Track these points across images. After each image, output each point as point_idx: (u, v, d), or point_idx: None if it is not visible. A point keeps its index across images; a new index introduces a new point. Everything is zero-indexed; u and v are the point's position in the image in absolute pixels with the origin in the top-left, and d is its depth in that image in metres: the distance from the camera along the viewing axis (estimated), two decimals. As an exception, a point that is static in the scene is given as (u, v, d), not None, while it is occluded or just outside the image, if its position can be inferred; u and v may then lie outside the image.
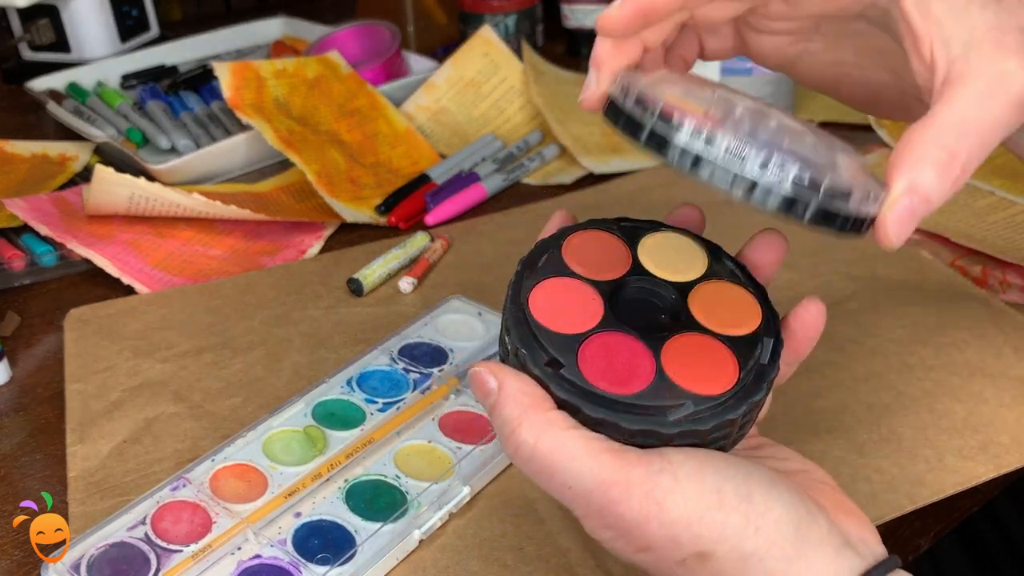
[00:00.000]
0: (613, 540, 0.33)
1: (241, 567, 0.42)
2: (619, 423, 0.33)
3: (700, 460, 0.33)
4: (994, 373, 0.52)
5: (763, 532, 0.32)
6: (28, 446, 0.52)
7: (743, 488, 0.32)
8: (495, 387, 0.34)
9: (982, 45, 0.32)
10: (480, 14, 1.00)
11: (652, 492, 0.32)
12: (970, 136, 0.31)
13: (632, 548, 0.33)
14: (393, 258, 0.64)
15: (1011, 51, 0.32)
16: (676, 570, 0.33)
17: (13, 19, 1.01)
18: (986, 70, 0.32)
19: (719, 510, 0.32)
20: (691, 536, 0.32)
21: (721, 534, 0.32)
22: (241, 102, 0.77)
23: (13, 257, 0.66)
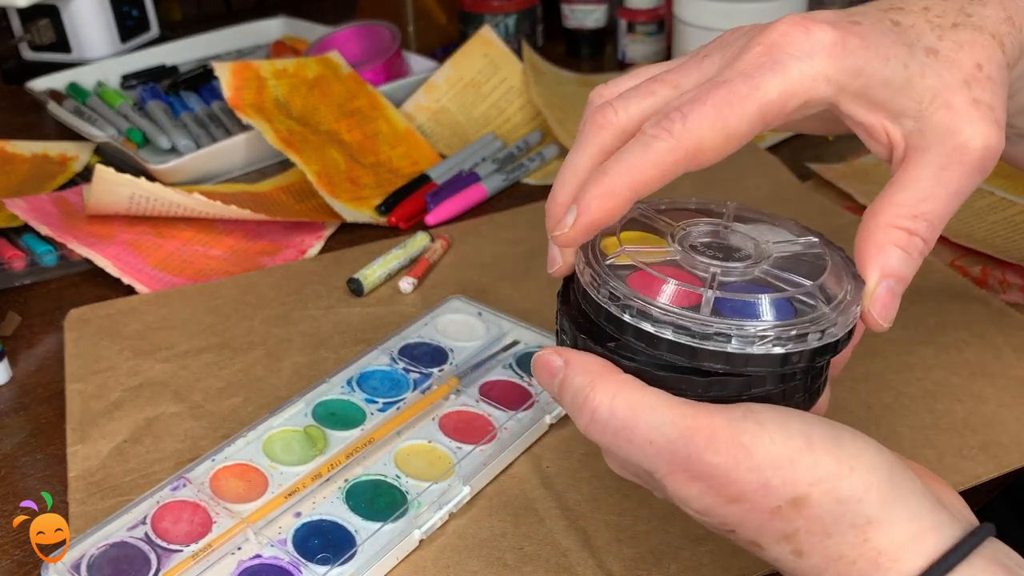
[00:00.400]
0: (700, 496, 0.31)
1: (241, 567, 0.42)
2: (693, 379, 0.32)
3: (782, 411, 0.31)
4: (994, 373, 0.53)
5: (857, 473, 0.30)
6: (28, 446, 0.52)
7: (830, 433, 0.31)
8: (561, 364, 0.33)
9: (934, 115, 0.33)
10: (480, 14, 1.00)
11: (738, 437, 0.30)
12: (929, 212, 0.33)
13: (722, 500, 0.31)
14: (393, 258, 0.64)
15: (962, 114, 0.32)
16: (769, 522, 0.31)
17: (13, 19, 1.01)
18: (941, 143, 0.33)
19: (809, 452, 0.30)
20: (783, 480, 0.30)
21: (814, 475, 0.30)
22: (241, 102, 0.77)
23: (13, 257, 0.66)
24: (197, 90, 0.90)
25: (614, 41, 1.02)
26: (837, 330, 0.32)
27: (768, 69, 0.32)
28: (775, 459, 0.30)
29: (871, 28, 0.33)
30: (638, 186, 0.32)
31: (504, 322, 0.56)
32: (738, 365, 0.32)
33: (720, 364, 0.32)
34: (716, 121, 0.31)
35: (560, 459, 0.48)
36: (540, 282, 0.63)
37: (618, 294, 0.33)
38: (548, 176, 0.78)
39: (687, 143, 0.31)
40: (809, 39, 0.32)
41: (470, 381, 0.52)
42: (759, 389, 0.33)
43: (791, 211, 0.69)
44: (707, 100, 0.31)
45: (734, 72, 0.32)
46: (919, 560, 0.30)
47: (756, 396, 0.33)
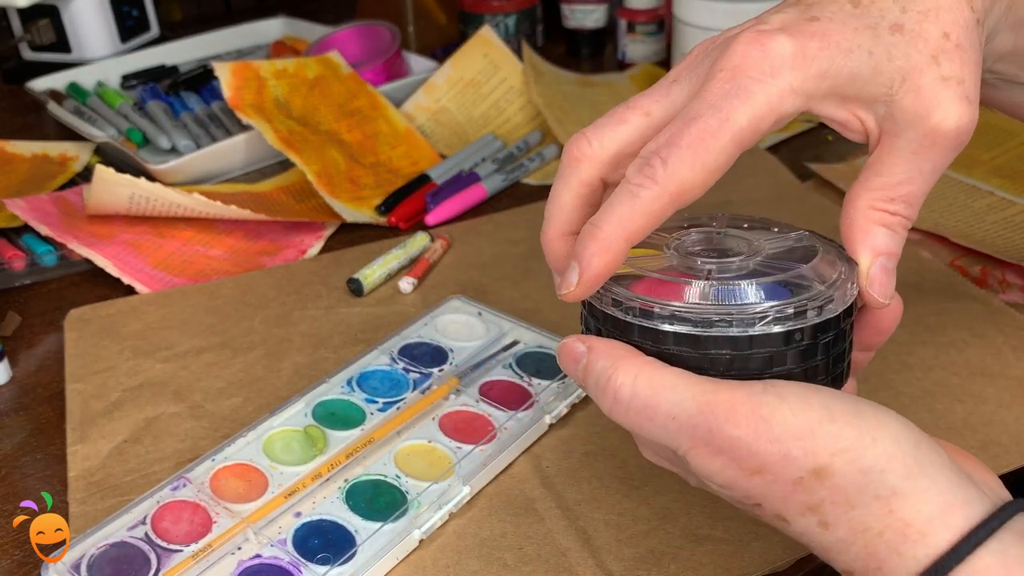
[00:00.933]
0: (723, 470, 0.31)
1: (241, 567, 0.42)
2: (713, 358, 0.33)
3: (803, 386, 0.32)
4: (993, 373, 0.53)
5: (880, 444, 0.31)
6: (28, 446, 0.52)
7: (852, 407, 0.31)
8: (584, 349, 0.34)
9: (903, 99, 0.33)
10: (480, 14, 1.00)
11: (758, 409, 0.31)
12: (906, 194, 0.34)
13: (745, 472, 0.31)
14: (393, 258, 0.64)
15: (931, 96, 0.33)
16: (793, 494, 0.31)
17: (13, 19, 1.01)
18: (912, 127, 0.33)
19: (831, 423, 0.30)
20: (804, 451, 0.30)
21: (836, 445, 0.30)
22: (241, 102, 0.77)
23: (14, 257, 0.66)
24: (197, 90, 0.90)
25: (614, 41, 1.02)
26: (835, 305, 0.33)
27: (734, 97, 0.32)
28: (796, 430, 0.30)
29: (829, 22, 0.33)
30: (632, 236, 0.33)
31: (504, 322, 0.56)
32: (742, 348, 0.33)
33: (726, 349, 0.33)
34: (695, 162, 0.32)
35: (560, 459, 0.48)
36: (540, 282, 0.63)
37: (620, 299, 0.34)
38: (548, 176, 0.78)
39: (671, 188, 0.32)
40: (767, 56, 0.32)
41: (470, 381, 0.52)
42: (780, 368, 0.33)
43: (791, 211, 0.69)
44: (682, 141, 0.32)
45: (703, 105, 0.32)
46: (948, 534, 0.30)
47: (778, 375, 0.33)
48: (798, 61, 0.32)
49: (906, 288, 0.59)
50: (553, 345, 0.54)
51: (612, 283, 0.35)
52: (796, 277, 0.34)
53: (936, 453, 0.31)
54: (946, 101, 0.33)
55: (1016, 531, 0.30)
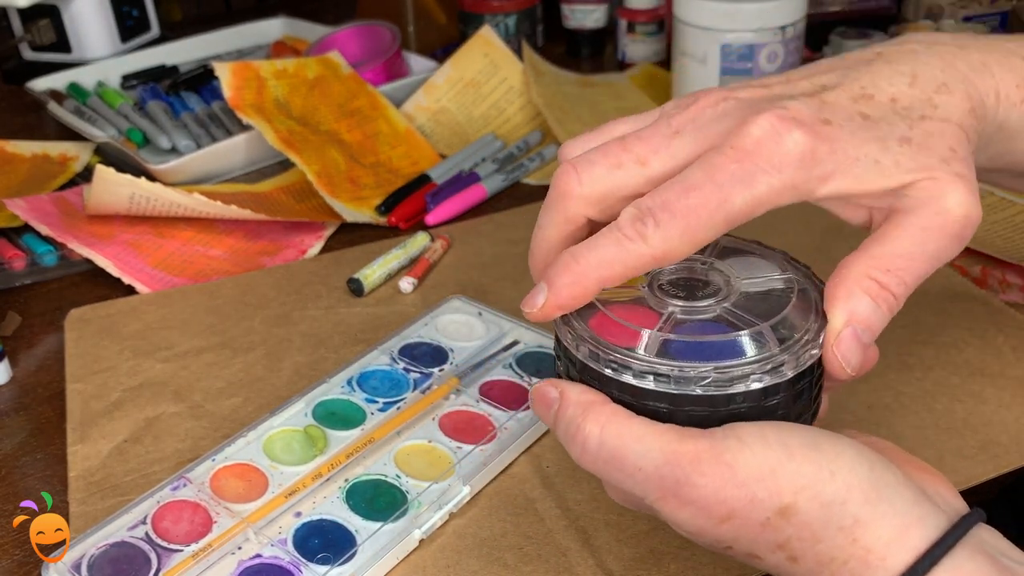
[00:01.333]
0: (692, 519, 0.32)
1: (241, 567, 0.42)
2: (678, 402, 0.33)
3: (761, 425, 0.32)
4: (993, 373, 0.53)
5: (839, 476, 0.31)
6: (29, 446, 0.52)
7: (809, 439, 0.32)
8: (556, 395, 0.35)
9: (917, 185, 0.33)
10: (480, 14, 1.00)
11: (721, 456, 0.31)
12: (903, 269, 0.34)
13: (715, 520, 0.32)
14: (393, 258, 0.64)
15: (946, 183, 0.33)
16: (762, 535, 0.32)
17: (14, 19, 1.01)
18: (923, 207, 0.33)
19: (790, 461, 0.31)
20: (768, 492, 0.31)
21: (797, 483, 0.31)
22: (241, 102, 0.77)
23: (14, 257, 0.66)
24: (197, 90, 0.90)
25: (614, 41, 1.02)
26: (787, 370, 0.33)
27: (739, 181, 0.32)
28: (758, 472, 0.31)
29: (841, 128, 0.33)
30: (606, 281, 0.34)
31: (504, 322, 0.56)
32: (681, 405, 0.33)
33: (664, 404, 0.33)
34: (685, 233, 0.32)
35: (560, 459, 0.48)
36: (540, 282, 0.63)
37: (576, 332, 0.35)
38: (548, 176, 0.78)
39: (658, 251, 0.33)
40: (779, 150, 0.32)
41: (470, 381, 0.52)
42: (739, 407, 0.33)
43: (790, 212, 0.69)
44: (678, 209, 0.32)
45: (706, 179, 0.32)
46: (906, 555, 0.31)
47: (739, 414, 0.33)
48: (806, 161, 0.32)
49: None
50: (553, 345, 0.54)
51: (575, 314, 0.35)
52: (755, 334, 0.34)
53: (891, 473, 0.32)
54: (959, 191, 0.33)
55: (971, 546, 0.31)
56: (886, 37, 0.98)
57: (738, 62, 0.78)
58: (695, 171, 0.33)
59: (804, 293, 0.36)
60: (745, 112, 0.33)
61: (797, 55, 0.80)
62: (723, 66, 0.79)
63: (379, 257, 0.64)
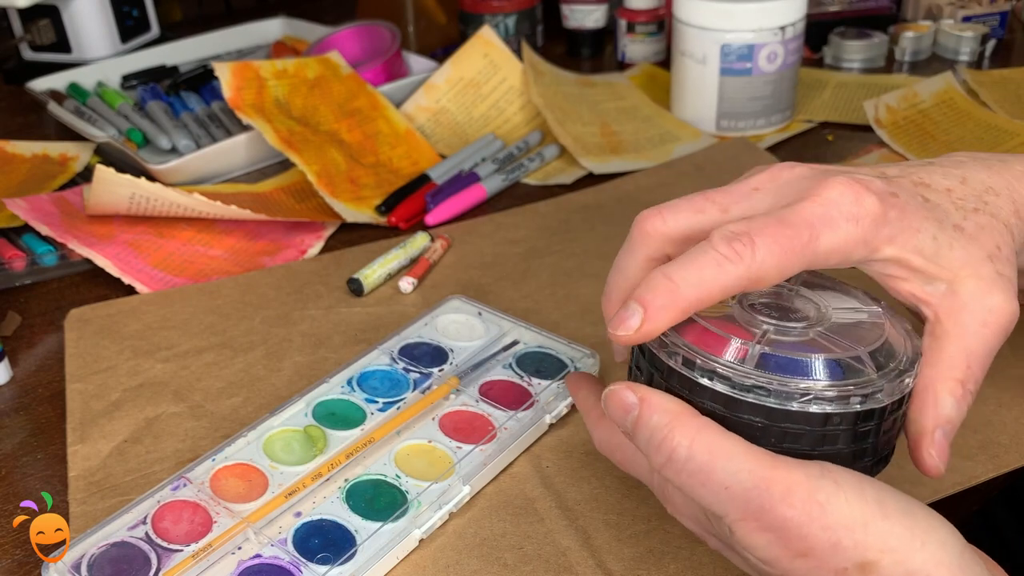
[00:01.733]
0: (768, 546, 0.32)
1: (241, 567, 0.42)
2: (769, 428, 0.33)
3: (858, 476, 0.32)
4: (993, 373, 0.52)
5: (928, 549, 0.31)
6: (29, 446, 0.52)
7: (904, 505, 0.32)
8: (635, 400, 0.34)
9: (965, 282, 0.36)
10: (480, 14, 1.00)
11: (815, 494, 0.31)
12: (974, 364, 0.37)
13: (790, 553, 0.31)
14: (393, 258, 0.64)
15: (991, 284, 0.36)
16: None
17: (14, 19, 1.01)
18: (976, 305, 0.36)
19: (884, 520, 0.31)
20: (854, 542, 0.31)
21: (886, 544, 0.31)
22: (241, 102, 0.77)
23: (14, 257, 0.66)
24: (197, 90, 0.90)
25: (614, 41, 1.02)
26: (883, 396, 0.33)
27: (825, 224, 0.34)
28: (849, 521, 0.31)
29: (907, 201, 0.36)
30: (703, 301, 0.34)
31: (504, 322, 0.57)
32: (777, 420, 0.32)
33: (759, 418, 0.33)
34: (780, 259, 0.33)
35: (560, 459, 0.48)
36: (540, 282, 0.63)
37: (667, 340, 0.34)
38: (548, 176, 0.78)
39: (754, 273, 0.33)
40: (859, 204, 0.35)
41: (470, 381, 0.52)
42: (831, 447, 0.33)
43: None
44: (773, 235, 0.34)
45: (797, 217, 0.34)
46: None
47: (828, 454, 0.33)
48: (879, 219, 0.35)
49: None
50: (553, 345, 0.54)
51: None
52: (853, 358, 0.34)
53: (976, 564, 0.32)
54: (1002, 290, 0.36)
55: None
56: (886, 37, 0.98)
57: (737, 62, 0.78)
58: (784, 210, 0.35)
59: (893, 325, 0.37)
60: (821, 176, 0.36)
61: (797, 55, 0.80)
62: (723, 66, 0.79)
63: (379, 257, 0.64)
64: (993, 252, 0.37)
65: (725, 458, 0.32)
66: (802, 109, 0.87)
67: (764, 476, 0.31)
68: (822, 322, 0.36)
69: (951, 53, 0.99)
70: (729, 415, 0.33)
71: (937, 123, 0.83)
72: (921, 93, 0.86)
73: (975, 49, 0.98)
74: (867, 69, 0.97)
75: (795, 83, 0.83)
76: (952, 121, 0.83)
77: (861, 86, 0.91)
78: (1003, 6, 1.02)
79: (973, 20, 1.01)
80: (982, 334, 0.36)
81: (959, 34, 0.98)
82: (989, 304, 0.36)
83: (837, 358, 0.33)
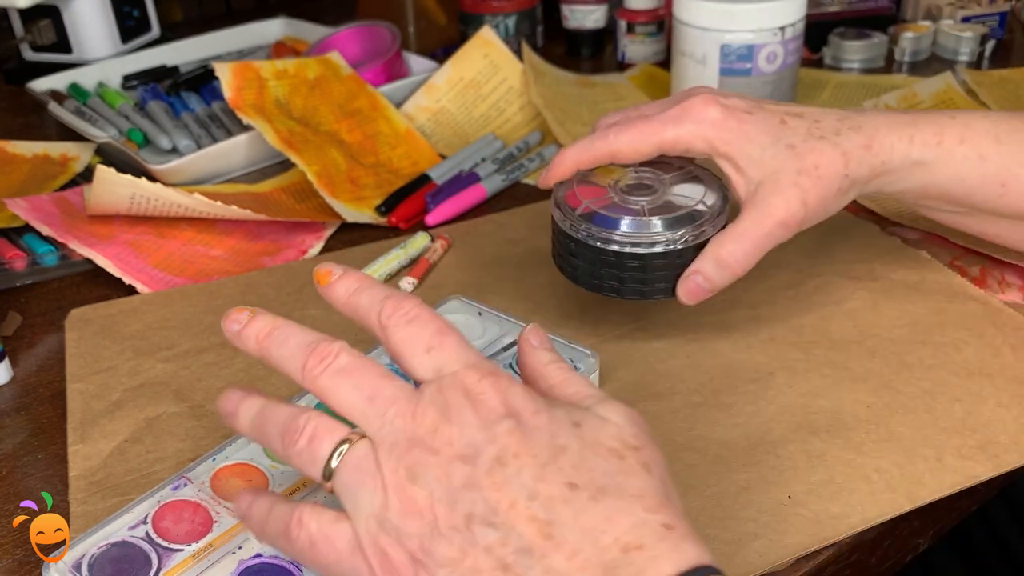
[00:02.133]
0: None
1: (242, 566, 0.42)
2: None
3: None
4: (992, 373, 0.53)
5: None
6: (30, 445, 0.52)
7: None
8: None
9: (765, 183, 0.49)
10: (480, 15, 1.00)
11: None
12: (745, 242, 0.50)
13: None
14: (394, 258, 0.65)
15: (780, 188, 0.49)
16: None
17: (14, 20, 1.01)
18: (762, 201, 0.49)
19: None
20: None
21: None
22: (242, 102, 0.77)
23: (14, 257, 0.66)
24: (198, 90, 0.90)
25: (614, 41, 1.02)
26: (660, 246, 0.51)
27: (672, 122, 0.51)
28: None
29: (754, 119, 0.50)
30: (581, 164, 0.53)
31: (504, 321, 0.57)
32: (595, 255, 0.53)
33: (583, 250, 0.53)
34: (630, 142, 0.51)
35: (560, 459, 0.48)
36: (540, 282, 0.63)
37: (566, 212, 0.53)
38: (548, 176, 0.78)
39: (612, 148, 0.52)
40: (704, 112, 0.50)
41: (470, 381, 0.52)
42: (631, 274, 0.52)
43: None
44: (632, 127, 0.51)
45: (656, 116, 0.51)
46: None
47: (631, 279, 0.52)
48: (718, 125, 0.50)
49: (906, 288, 0.60)
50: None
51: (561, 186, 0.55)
52: (646, 219, 0.51)
53: None
54: (785, 194, 0.49)
55: None
56: (885, 38, 0.98)
57: (737, 62, 0.78)
58: (651, 111, 0.53)
59: (710, 207, 0.52)
60: (695, 90, 0.52)
61: (796, 56, 0.80)
62: (722, 66, 0.79)
63: (380, 257, 0.65)
64: (807, 168, 0.49)
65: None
66: (802, 109, 0.87)
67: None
68: (656, 200, 0.52)
69: (950, 53, 0.99)
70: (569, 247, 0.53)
71: (937, 123, 0.83)
72: (920, 93, 0.86)
73: (974, 49, 0.98)
74: (867, 69, 0.97)
75: (795, 83, 0.83)
76: (952, 121, 0.83)
77: (861, 86, 0.91)
78: (1002, 6, 1.02)
79: (972, 20, 1.01)
80: (758, 222, 0.49)
81: (958, 34, 0.98)
82: (771, 202, 0.49)
83: (639, 218, 0.51)
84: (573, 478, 0.33)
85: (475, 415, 0.34)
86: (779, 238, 0.50)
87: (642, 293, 0.52)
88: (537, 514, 0.32)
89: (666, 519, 0.32)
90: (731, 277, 0.50)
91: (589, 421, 0.35)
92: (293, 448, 0.36)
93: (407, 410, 0.35)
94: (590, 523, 0.32)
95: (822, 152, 0.49)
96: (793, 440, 0.48)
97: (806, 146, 0.49)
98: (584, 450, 0.34)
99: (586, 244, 0.52)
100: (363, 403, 0.36)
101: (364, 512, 0.34)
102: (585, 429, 0.35)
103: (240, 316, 0.40)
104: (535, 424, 0.34)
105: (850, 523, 0.44)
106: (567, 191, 0.54)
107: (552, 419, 0.35)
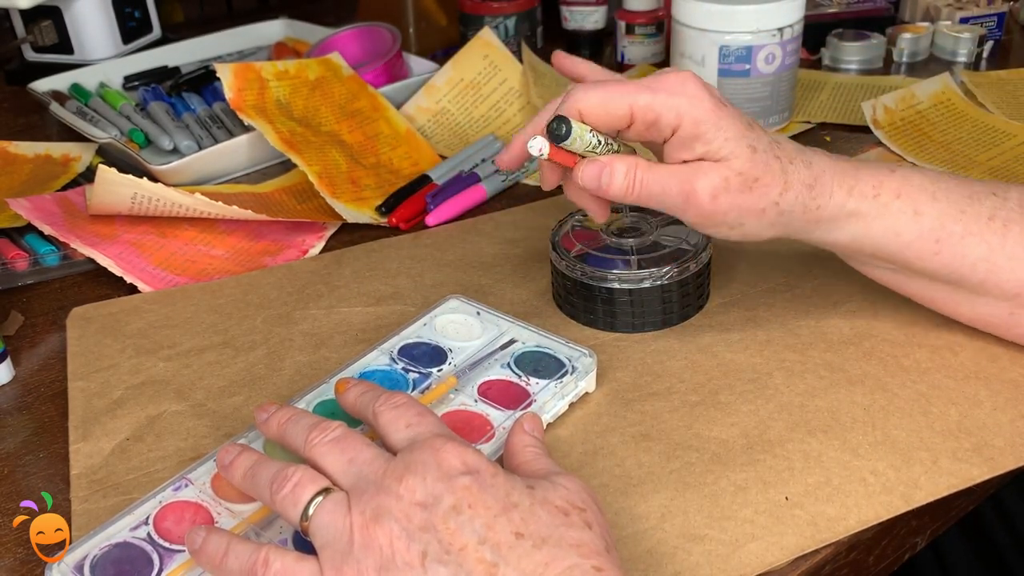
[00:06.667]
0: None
1: (242, 565, 0.42)
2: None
3: None
4: (988, 376, 0.53)
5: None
6: (31, 444, 0.52)
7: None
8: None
9: (701, 164, 0.49)
10: (480, 16, 1.00)
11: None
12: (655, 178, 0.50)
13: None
14: None
15: (708, 171, 0.49)
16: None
17: (16, 20, 1.01)
18: (694, 167, 0.50)
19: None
20: None
21: None
22: (243, 103, 0.78)
23: (16, 257, 0.67)
24: (199, 91, 0.90)
25: (613, 43, 1.03)
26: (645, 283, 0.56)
27: (648, 89, 0.49)
28: None
29: (728, 111, 0.49)
30: (550, 114, 0.51)
31: (502, 321, 0.57)
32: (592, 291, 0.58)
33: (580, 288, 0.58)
34: (601, 102, 0.49)
35: (559, 458, 0.49)
36: (540, 282, 0.63)
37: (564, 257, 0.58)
38: (548, 177, 0.78)
39: (581, 105, 0.50)
40: (683, 86, 0.49)
41: (468, 380, 0.53)
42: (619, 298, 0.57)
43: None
44: (605, 87, 0.50)
45: (632, 81, 0.50)
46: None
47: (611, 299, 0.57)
48: (695, 102, 0.49)
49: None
50: (551, 344, 0.55)
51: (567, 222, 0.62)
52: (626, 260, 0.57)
53: None
54: (709, 179, 0.49)
55: None
56: (883, 39, 0.98)
57: (736, 64, 0.79)
58: (628, 79, 0.52)
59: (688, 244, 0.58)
60: (675, 70, 0.51)
61: (795, 57, 0.81)
62: (721, 67, 0.79)
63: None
64: (743, 167, 0.49)
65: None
66: (800, 110, 0.88)
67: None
68: (644, 241, 0.58)
69: (948, 54, 0.99)
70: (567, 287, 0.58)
71: (934, 124, 0.83)
72: (919, 94, 0.86)
73: (972, 50, 0.98)
74: (865, 70, 0.97)
75: (793, 84, 0.83)
76: (949, 122, 0.84)
77: (859, 87, 0.92)
78: (1000, 8, 1.02)
79: (971, 22, 1.01)
80: (677, 174, 0.50)
81: (957, 35, 0.98)
82: (688, 178, 0.49)
83: (629, 258, 0.57)
84: (520, 528, 0.37)
85: (438, 469, 0.38)
86: (671, 205, 0.50)
87: (633, 326, 0.57)
88: (485, 556, 0.36)
89: (598, 563, 0.36)
90: (619, 193, 0.50)
91: (542, 485, 0.39)
92: (279, 493, 0.40)
93: (380, 467, 0.39)
94: (530, 567, 0.36)
95: (769, 169, 0.49)
96: (791, 440, 0.49)
97: (762, 156, 0.49)
98: (533, 506, 0.38)
99: (581, 283, 0.57)
100: (344, 463, 0.40)
101: (331, 547, 0.38)
102: (537, 491, 0.39)
103: (270, 407, 0.46)
104: (492, 483, 0.38)
105: (847, 525, 0.44)
106: (563, 236, 0.60)
107: (508, 480, 0.39)
